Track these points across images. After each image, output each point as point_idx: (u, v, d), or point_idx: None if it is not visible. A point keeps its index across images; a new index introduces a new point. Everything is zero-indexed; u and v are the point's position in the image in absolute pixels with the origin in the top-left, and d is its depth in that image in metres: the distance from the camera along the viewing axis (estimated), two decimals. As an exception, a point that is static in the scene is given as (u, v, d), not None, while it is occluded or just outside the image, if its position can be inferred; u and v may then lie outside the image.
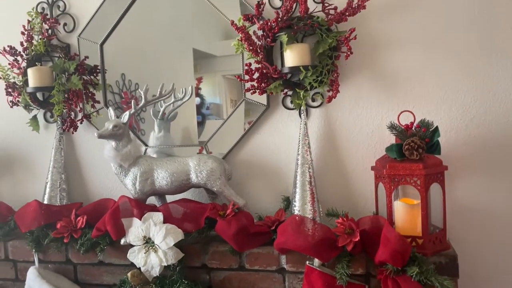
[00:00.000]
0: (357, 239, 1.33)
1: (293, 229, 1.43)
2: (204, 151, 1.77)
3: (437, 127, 1.38)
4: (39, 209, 1.70)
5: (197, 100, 1.80)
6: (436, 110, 1.55)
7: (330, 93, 1.52)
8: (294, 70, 1.52)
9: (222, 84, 1.79)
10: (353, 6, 1.48)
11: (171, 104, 1.80)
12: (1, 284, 1.79)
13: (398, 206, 1.42)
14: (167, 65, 1.84)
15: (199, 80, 1.81)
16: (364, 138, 1.62)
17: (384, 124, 1.55)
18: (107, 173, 1.88)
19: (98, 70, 1.82)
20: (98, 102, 1.84)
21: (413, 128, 1.40)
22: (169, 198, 1.70)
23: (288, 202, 1.64)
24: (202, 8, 1.73)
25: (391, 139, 1.48)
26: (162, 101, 1.75)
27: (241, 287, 1.54)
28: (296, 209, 1.55)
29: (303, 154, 1.56)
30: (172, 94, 1.75)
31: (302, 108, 1.58)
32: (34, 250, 1.67)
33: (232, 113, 1.73)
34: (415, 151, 1.34)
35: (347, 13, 1.48)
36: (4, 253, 1.75)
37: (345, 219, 1.41)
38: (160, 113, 1.81)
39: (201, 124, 1.81)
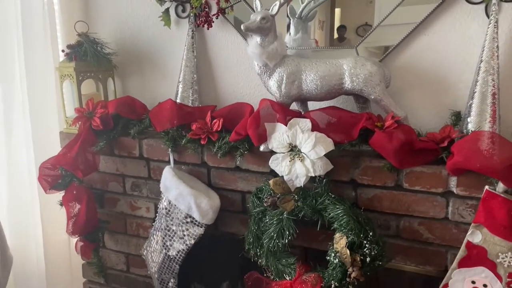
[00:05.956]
0: None
1: (475, 148, 1.20)
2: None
3: None
4: (174, 109, 1.62)
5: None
6: None
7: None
8: None
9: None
10: None
11: (312, 1, 1.57)
12: (133, 181, 1.80)
13: None
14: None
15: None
16: None
17: None
18: (241, 76, 1.73)
19: (235, -43, 1.61)
20: (233, -5, 1.65)
21: None
22: (311, 106, 1.53)
23: (457, 117, 1.39)
24: None
25: None
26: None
27: (392, 208, 1.39)
28: (471, 126, 1.30)
29: (488, 60, 1.27)
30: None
31: (494, 1, 1.26)
32: (170, 149, 1.63)
33: (392, 10, 1.45)
34: None
35: None
36: (139, 151, 1.73)
37: (547, 141, 1.14)
38: (299, 10, 1.59)
39: None
